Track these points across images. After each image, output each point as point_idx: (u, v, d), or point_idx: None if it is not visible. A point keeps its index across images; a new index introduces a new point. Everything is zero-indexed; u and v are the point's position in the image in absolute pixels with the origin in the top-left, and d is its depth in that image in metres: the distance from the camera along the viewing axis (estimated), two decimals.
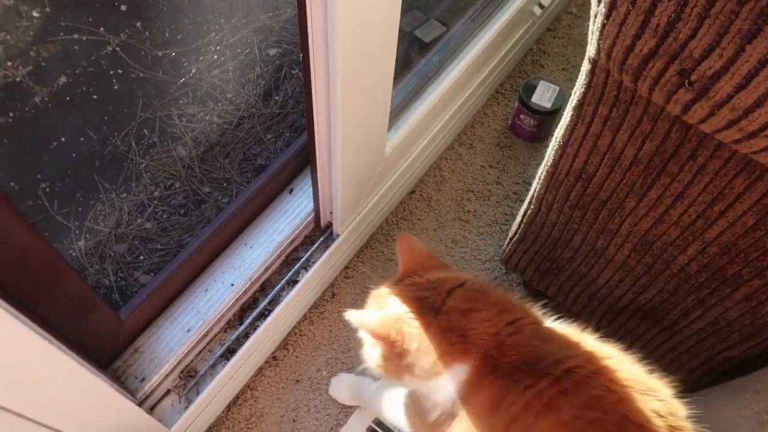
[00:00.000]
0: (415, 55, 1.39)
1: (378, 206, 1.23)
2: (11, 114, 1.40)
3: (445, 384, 0.63)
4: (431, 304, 0.66)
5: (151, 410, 0.98)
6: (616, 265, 0.93)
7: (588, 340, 0.63)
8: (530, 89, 1.39)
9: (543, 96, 1.37)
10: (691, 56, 0.46)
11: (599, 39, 0.56)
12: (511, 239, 1.08)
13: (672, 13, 0.45)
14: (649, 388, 0.58)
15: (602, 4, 0.52)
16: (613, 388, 0.57)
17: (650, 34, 0.48)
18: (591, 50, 0.62)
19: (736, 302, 0.82)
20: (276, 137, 1.41)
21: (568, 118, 0.77)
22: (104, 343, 0.94)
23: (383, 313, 0.68)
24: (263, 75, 1.51)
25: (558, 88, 1.38)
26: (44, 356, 0.60)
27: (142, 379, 0.96)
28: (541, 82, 1.39)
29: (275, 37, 1.58)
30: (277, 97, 1.47)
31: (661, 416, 0.55)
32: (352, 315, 0.66)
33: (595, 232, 0.90)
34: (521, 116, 1.39)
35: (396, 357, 0.66)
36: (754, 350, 0.88)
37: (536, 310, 0.69)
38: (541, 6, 1.45)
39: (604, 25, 0.53)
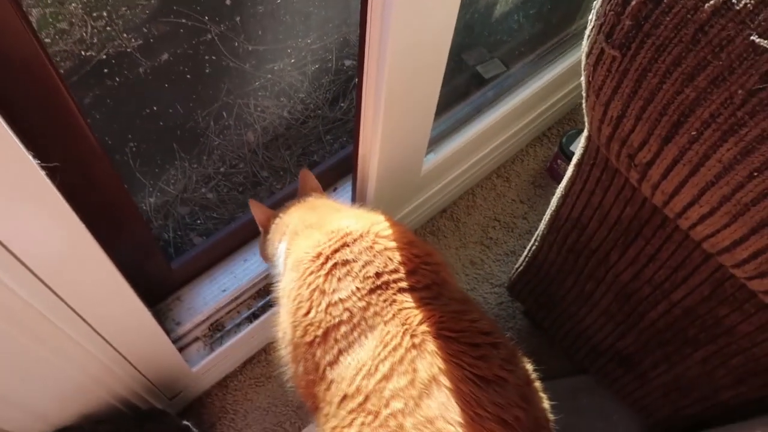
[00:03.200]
0: (473, 89, 1.51)
1: (408, 217, 1.37)
2: (117, 79, 1.63)
3: (280, 259, 0.91)
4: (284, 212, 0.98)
5: (180, 351, 1.15)
6: (600, 309, 1.03)
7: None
8: (573, 138, 1.49)
9: None
10: (632, 145, 0.57)
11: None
12: (517, 269, 1.20)
13: (620, 110, 0.56)
14: None
15: (583, 89, 0.64)
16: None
17: (608, 123, 0.59)
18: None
19: (695, 362, 0.91)
20: (334, 140, 1.57)
21: (570, 172, 0.89)
22: (154, 286, 1.12)
23: (271, 210, 1.02)
24: (335, 82, 1.68)
25: None
26: (111, 280, 0.77)
27: (178, 323, 1.14)
28: None
29: (352, 50, 1.74)
30: (342, 104, 1.63)
31: None
32: (253, 202, 1.02)
33: (584, 277, 1.01)
34: (559, 161, 1.49)
35: (267, 242, 0.98)
36: (709, 411, 0.96)
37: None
38: None
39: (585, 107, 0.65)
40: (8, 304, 0.63)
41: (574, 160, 0.87)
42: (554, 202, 0.98)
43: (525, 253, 1.15)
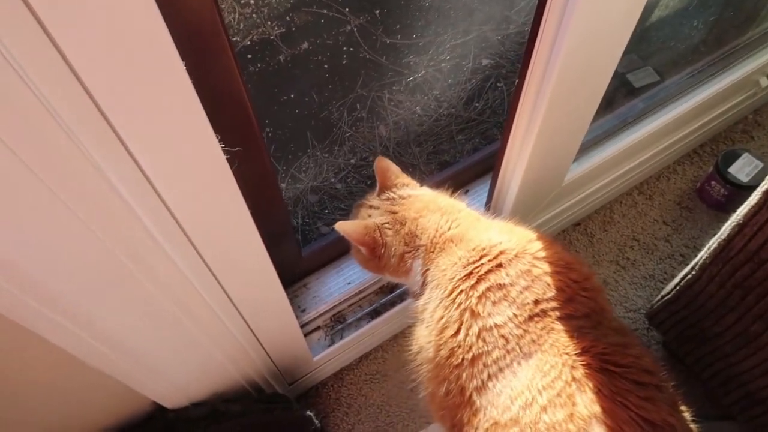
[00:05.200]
0: (621, 97, 1.42)
1: (541, 228, 1.30)
2: (258, 65, 1.67)
3: (415, 275, 0.83)
4: (401, 218, 0.85)
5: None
6: (765, 354, 0.92)
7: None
8: (731, 158, 1.35)
9: (742, 169, 1.33)
10: None
11: None
12: (663, 297, 1.10)
13: None
14: None
15: None
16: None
17: None
18: None
19: None
20: (466, 140, 1.52)
21: (755, 199, 0.79)
22: (285, 271, 1.13)
23: (365, 222, 0.86)
24: (470, 81, 1.63)
25: (762, 165, 1.33)
26: (260, 262, 0.77)
27: (303, 310, 1.14)
28: (746, 154, 1.34)
29: (492, 49, 1.69)
30: (477, 104, 1.58)
31: None
32: (339, 225, 0.84)
33: (752, 316, 0.90)
34: (712, 182, 1.36)
35: (376, 258, 0.86)
36: None
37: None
38: None
39: None
40: (170, 276, 0.64)
41: (764, 186, 0.77)
42: (726, 230, 0.88)
43: (676, 280, 1.05)
